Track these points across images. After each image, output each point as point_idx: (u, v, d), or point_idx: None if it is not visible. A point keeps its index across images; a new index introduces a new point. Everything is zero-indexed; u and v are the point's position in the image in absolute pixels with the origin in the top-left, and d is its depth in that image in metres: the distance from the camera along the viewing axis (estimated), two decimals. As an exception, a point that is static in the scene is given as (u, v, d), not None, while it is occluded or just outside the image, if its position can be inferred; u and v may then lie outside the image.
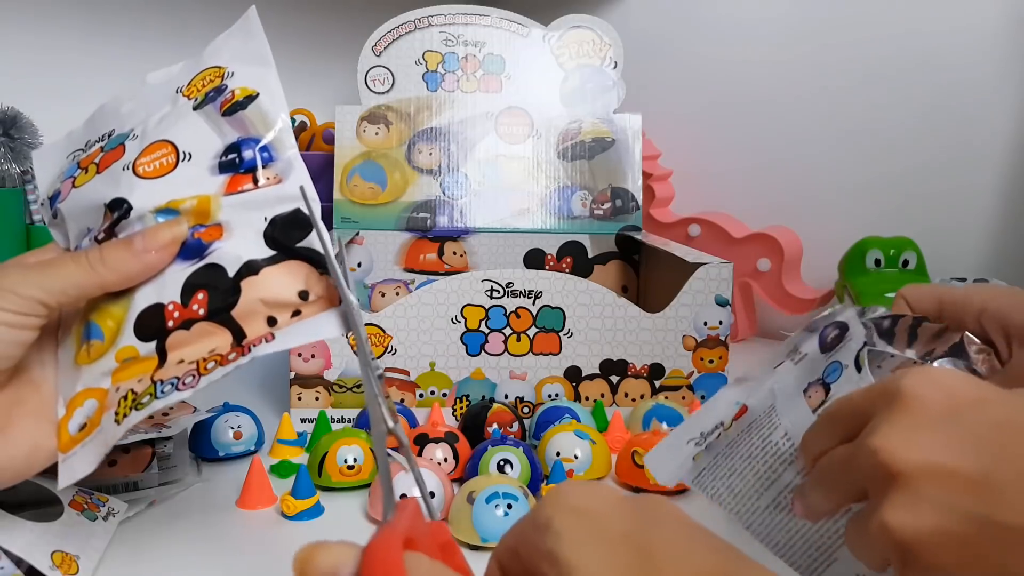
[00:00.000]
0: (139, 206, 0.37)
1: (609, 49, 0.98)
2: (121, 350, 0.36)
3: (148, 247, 0.36)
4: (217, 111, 0.39)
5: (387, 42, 0.97)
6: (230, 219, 0.37)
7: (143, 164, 0.38)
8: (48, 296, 0.35)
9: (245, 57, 0.41)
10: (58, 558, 0.38)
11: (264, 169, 0.38)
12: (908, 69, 0.96)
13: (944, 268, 0.91)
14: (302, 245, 0.36)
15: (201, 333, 0.35)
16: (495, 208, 0.97)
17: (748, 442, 0.39)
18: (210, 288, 0.36)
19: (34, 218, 0.88)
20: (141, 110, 0.42)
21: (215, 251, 0.36)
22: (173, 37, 1.03)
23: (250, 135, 0.38)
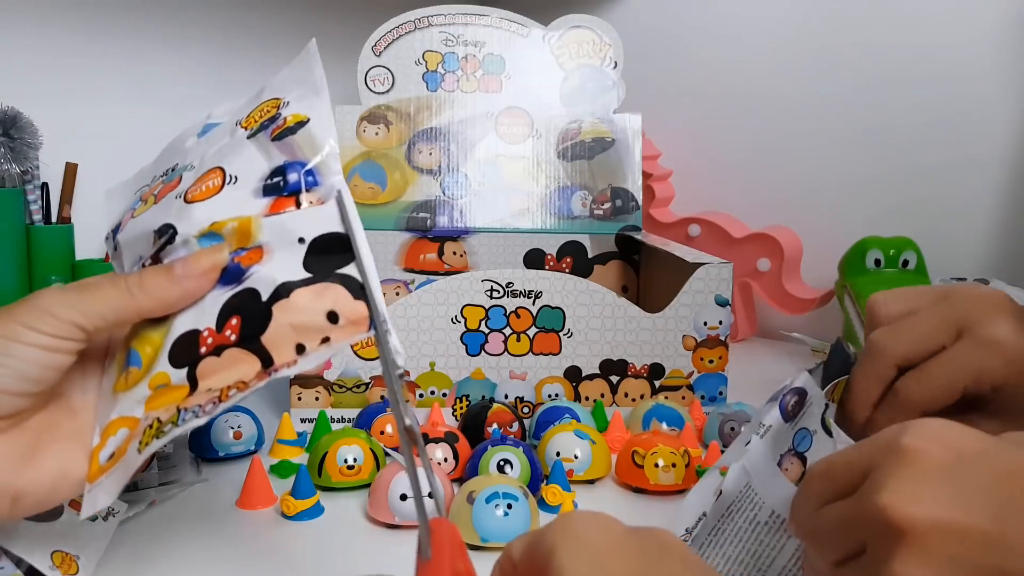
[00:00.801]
0: (184, 231, 0.37)
1: (609, 49, 0.98)
2: (154, 377, 0.35)
3: (188, 273, 0.35)
4: (268, 137, 0.38)
5: (387, 42, 0.97)
6: (270, 240, 0.36)
7: (192, 190, 0.38)
8: (85, 319, 0.34)
9: (301, 87, 0.40)
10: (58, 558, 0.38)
11: (307, 192, 0.37)
12: (908, 69, 0.96)
13: (944, 268, 0.91)
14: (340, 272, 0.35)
15: (231, 360, 0.35)
16: (495, 208, 0.97)
17: (732, 526, 0.38)
18: (244, 314, 0.35)
19: (34, 218, 0.88)
20: (203, 144, 0.42)
21: (253, 275, 0.36)
22: (173, 38, 1.03)
23: (297, 159, 0.37)
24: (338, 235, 0.36)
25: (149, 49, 1.01)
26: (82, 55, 0.95)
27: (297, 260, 0.36)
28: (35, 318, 0.33)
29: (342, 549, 0.48)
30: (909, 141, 0.97)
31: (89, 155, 0.94)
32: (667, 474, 0.55)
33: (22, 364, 0.33)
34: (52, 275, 0.87)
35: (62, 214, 0.90)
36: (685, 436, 0.63)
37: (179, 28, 1.03)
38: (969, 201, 0.94)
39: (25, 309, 0.34)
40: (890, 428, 0.31)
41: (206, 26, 1.06)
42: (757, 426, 0.41)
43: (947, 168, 0.95)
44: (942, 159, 0.95)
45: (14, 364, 0.33)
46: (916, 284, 0.87)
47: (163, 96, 1.03)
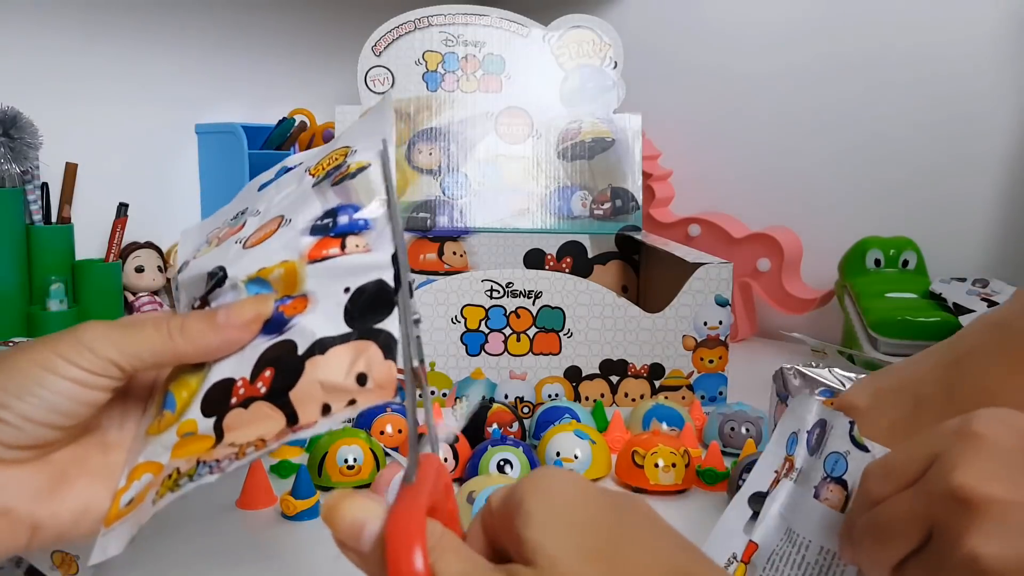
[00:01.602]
0: (233, 274, 0.36)
1: (609, 49, 0.98)
2: (184, 423, 0.34)
3: (230, 322, 0.34)
4: (329, 184, 0.37)
5: (387, 42, 0.97)
6: (316, 290, 0.35)
7: (252, 237, 0.37)
8: (123, 358, 0.33)
9: (370, 137, 0.39)
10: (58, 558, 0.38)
11: (355, 235, 0.35)
12: (909, 69, 0.96)
13: (944, 268, 0.91)
14: (379, 327, 0.33)
15: (257, 414, 0.33)
16: (495, 208, 0.97)
17: (784, 571, 0.37)
18: (278, 367, 0.33)
19: (34, 218, 0.88)
20: (272, 189, 0.41)
21: (295, 326, 0.34)
22: (173, 38, 1.03)
23: (351, 202, 0.36)
24: (382, 285, 0.34)
25: (149, 49, 1.01)
26: (82, 55, 0.95)
27: (339, 312, 0.34)
28: (74, 351, 0.32)
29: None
30: (909, 141, 0.97)
31: (89, 155, 0.94)
32: (667, 474, 0.55)
33: (53, 396, 0.32)
34: (52, 275, 0.87)
35: (62, 214, 0.90)
36: (685, 436, 0.63)
37: (179, 28, 1.03)
38: (969, 201, 0.94)
39: (65, 341, 0.33)
40: (954, 419, 0.32)
41: (206, 26, 1.06)
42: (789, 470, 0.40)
43: (947, 168, 0.95)
44: (942, 159, 0.95)
45: (45, 395, 0.32)
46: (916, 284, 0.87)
47: (163, 96, 1.03)
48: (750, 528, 0.39)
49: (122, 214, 0.93)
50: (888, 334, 0.81)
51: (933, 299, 0.84)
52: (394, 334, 0.33)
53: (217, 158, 1.03)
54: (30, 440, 0.32)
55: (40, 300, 0.86)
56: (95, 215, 0.94)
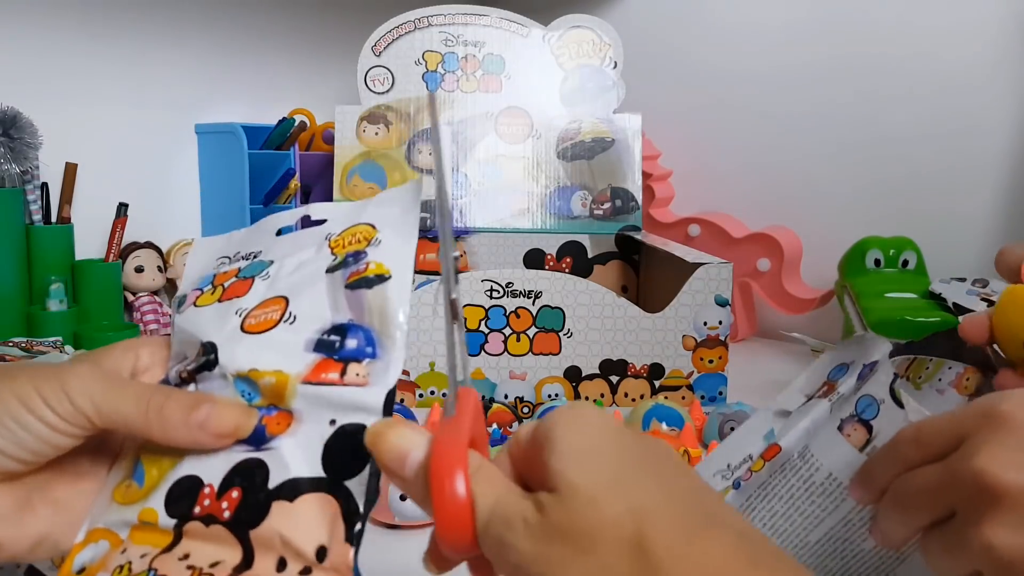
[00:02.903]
0: (224, 362, 0.34)
1: (609, 49, 0.98)
2: (145, 510, 0.33)
3: (207, 427, 0.33)
4: (343, 280, 0.35)
5: (387, 42, 0.97)
6: (303, 410, 0.33)
7: (252, 317, 0.35)
8: (97, 417, 0.32)
9: (396, 227, 0.37)
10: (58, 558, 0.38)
11: (358, 363, 0.33)
12: (908, 69, 0.96)
13: (944, 268, 0.91)
14: (348, 484, 0.32)
15: (215, 537, 0.32)
16: (495, 208, 0.97)
17: (785, 483, 0.39)
18: (246, 491, 0.32)
19: (33, 218, 0.88)
20: (289, 242, 0.39)
21: (274, 448, 0.33)
22: (173, 38, 1.03)
23: (363, 322, 0.34)
24: (361, 430, 0.32)
25: (149, 49, 1.01)
26: (82, 56, 0.95)
27: (319, 446, 0.33)
28: (54, 396, 0.32)
29: (342, 549, 0.48)
30: (909, 141, 0.97)
31: (89, 155, 0.94)
32: (667, 474, 0.55)
33: (23, 433, 0.32)
34: (52, 275, 0.87)
35: (62, 214, 0.90)
36: (685, 436, 0.63)
37: (179, 28, 1.03)
38: (969, 201, 0.94)
39: (49, 382, 0.32)
40: (988, 396, 0.32)
41: (206, 26, 1.06)
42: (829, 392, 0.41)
43: (947, 168, 0.95)
44: (942, 159, 0.95)
45: (16, 430, 0.31)
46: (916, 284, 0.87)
47: (163, 96, 1.03)
48: (771, 437, 0.41)
49: (122, 214, 0.93)
50: (888, 334, 0.81)
51: (933, 299, 0.84)
52: (360, 507, 0.32)
53: (217, 158, 1.03)
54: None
55: (40, 300, 0.86)
56: (95, 215, 0.94)
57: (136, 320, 0.93)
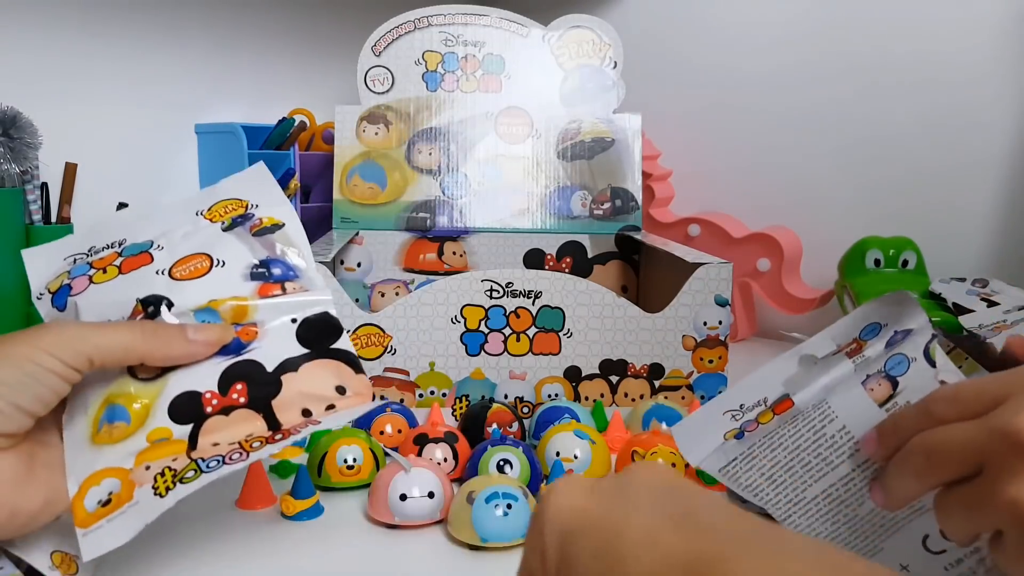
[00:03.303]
0: (180, 303, 0.42)
1: (609, 49, 0.98)
2: (154, 431, 0.39)
3: (198, 338, 0.40)
4: (247, 232, 0.45)
5: (387, 42, 0.97)
6: (264, 319, 0.42)
7: (179, 270, 0.43)
8: (96, 353, 0.38)
9: (264, 195, 0.48)
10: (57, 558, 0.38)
11: (291, 282, 0.44)
12: (908, 68, 0.96)
13: (943, 268, 0.91)
14: (336, 347, 0.42)
15: (239, 419, 0.40)
16: (495, 208, 0.97)
17: (794, 434, 0.39)
18: (249, 380, 0.41)
19: (33, 218, 0.88)
20: (156, 225, 0.46)
21: (253, 350, 0.42)
22: (173, 38, 1.03)
23: (277, 255, 0.44)
24: (325, 315, 0.43)
25: (149, 49, 1.01)
26: (82, 55, 0.95)
27: (291, 336, 0.42)
28: (57, 346, 0.37)
29: (342, 549, 0.48)
30: (909, 141, 0.97)
31: (89, 155, 0.94)
32: (667, 474, 0.55)
33: (39, 387, 0.36)
34: (52, 275, 0.87)
35: (61, 214, 0.90)
36: (685, 436, 0.63)
37: (178, 28, 1.03)
38: (969, 201, 0.94)
39: (48, 336, 0.37)
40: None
41: (206, 26, 1.06)
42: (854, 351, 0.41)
43: (947, 168, 0.95)
44: (942, 159, 0.95)
45: (33, 385, 0.36)
46: (916, 284, 0.87)
47: (163, 96, 1.03)
48: (790, 383, 0.41)
49: (122, 214, 0.93)
50: (888, 334, 0.81)
51: (933, 299, 0.84)
52: (353, 352, 0.42)
53: (217, 158, 1.03)
54: (16, 427, 0.36)
55: (40, 300, 0.87)
56: (95, 215, 0.94)
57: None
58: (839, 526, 0.38)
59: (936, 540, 0.37)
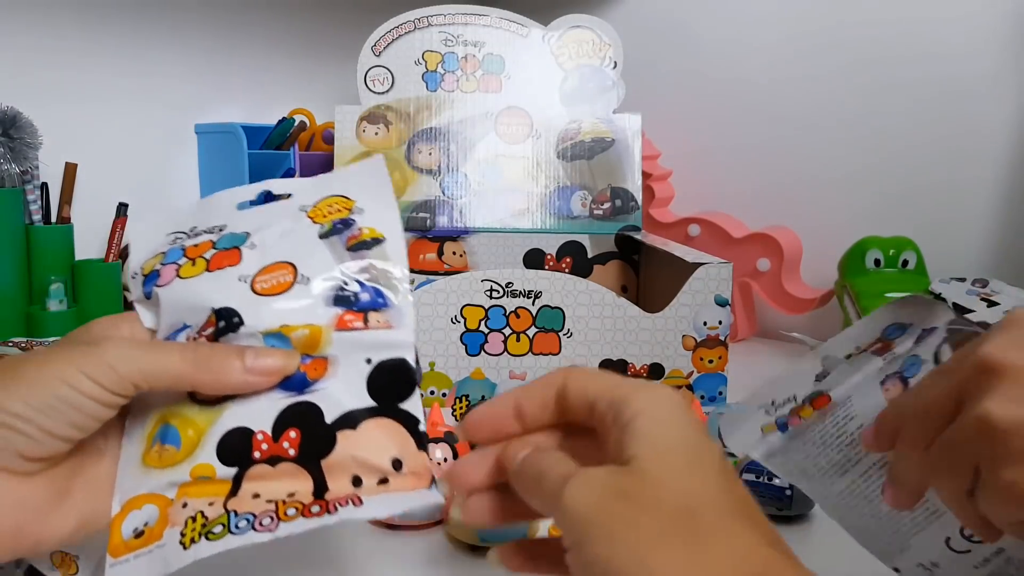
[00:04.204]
0: (251, 324, 0.37)
1: (609, 49, 0.98)
2: (199, 466, 0.35)
3: (256, 367, 0.35)
4: (343, 244, 0.39)
5: (387, 42, 0.97)
6: (337, 355, 0.37)
7: (261, 281, 0.38)
8: (143, 379, 0.34)
9: (372, 199, 0.41)
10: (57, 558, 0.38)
11: (377, 312, 0.38)
12: (908, 70, 0.96)
13: (944, 268, 0.91)
14: (404, 407, 0.36)
15: (284, 473, 0.35)
16: (495, 208, 0.97)
17: (822, 429, 0.40)
18: (304, 429, 0.35)
19: (33, 218, 0.88)
20: (258, 217, 0.41)
21: (317, 390, 0.36)
22: (173, 38, 1.03)
23: (367, 279, 0.38)
24: (403, 363, 0.36)
25: (149, 49, 1.01)
26: (82, 55, 0.95)
27: (361, 382, 0.36)
28: (98, 370, 0.33)
29: (342, 549, 0.48)
30: (909, 141, 0.97)
31: (89, 155, 0.94)
32: (667, 474, 0.55)
33: (73, 412, 0.33)
34: (52, 275, 0.87)
35: (62, 214, 0.90)
36: (685, 436, 0.63)
37: (179, 28, 1.03)
38: (969, 201, 0.94)
39: (90, 358, 0.33)
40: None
41: (206, 26, 1.06)
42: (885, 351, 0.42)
43: (947, 168, 0.95)
44: (942, 159, 0.95)
45: (66, 410, 0.32)
46: (916, 284, 0.87)
47: (163, 96, 1.03)
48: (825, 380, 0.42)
49: (122, 214, 0.93)
50: (888, 334, 0.81)
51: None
52: (421, 422, 0.36)
53: (217, 158, 1.03)
54: (46, 452, 0.33)
55: (40, 300, 0.86)
56: (95, 215, 0.94)
57: (136, 320, 0.93)
58: (866, 519, 0.39)
59: (958, 541, 0.37)
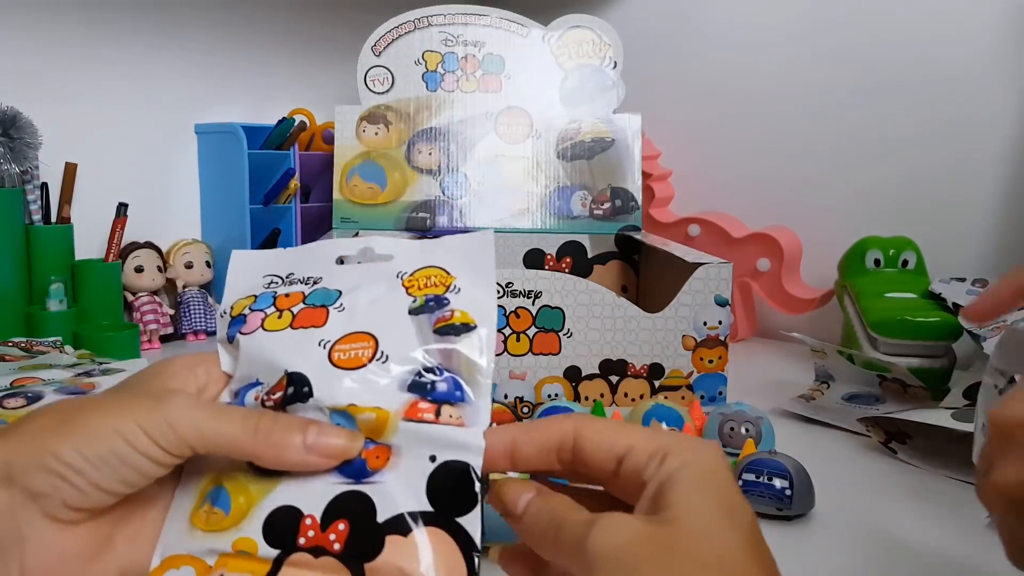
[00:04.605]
0: (320, 396, 0.35)
1: (609, 49, 0.98)
2: (242, 539, 0.34)
3: (316, 448, 0.34)
4: (431, 325, 0.37)
5: (387, 42, 0.97)
6: (402, 446, 0.34)
7: (340, 351, 0.36)
8: (201, 443, 0.33)
9: (474, 277, 0.39)
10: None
11: (451, 406, 0.35)
12: (908, 69, 0.96)
13: (944, 268, 0.91)
14: (462, 523, 0.33)
15: (326, 568, 0.33)
16: (495, 208, 0.97)
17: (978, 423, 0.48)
18: (354, 524, 0.33)
19: (33, 218, 0.88)
20: (354, 274, 0.40)
21: (374, 482, 0.34)
22: (173, 38, 1.03)
23: (452, 367, 0.36)
24: (467, 472, 0.34)
25: (149, 50, 1.01)
26: (82, 55, 0.95)
27: (422, 481, 0.34)
28: (157, 429, 0.32)
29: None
30: (909, 141, 0.97)
31: (89, 155, 0.94)
32: (667, 474, 0.55)
33: (126, 468, 0.32)
34: (51, 275, 0.87)
35: (62, 214, 0.90)
36: (685, 436, 0.63)
37: (179, 28, 1.03)
38: (969, 201, 0.94)
39: (150, 414, 0.32)
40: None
41: (206, 26, 1.06)
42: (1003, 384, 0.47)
43: (947, 168, 0.95)
44: (942, 159, 0.95)
45: (119, 466, 0.31)
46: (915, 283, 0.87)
47: (163, 96, 1.03)
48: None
49: (122, 214, 0.93)
50: (888, 334, 0.81)
51: (933, 299, 0.84)
52: (478, 543, 0.33)
53: (217, 158, 1.03)
54: (91, 504, 0.32)
55: (40, 300, 0.86)
56: (95, 215, 0.94)
57: (136, 320, 0.93)
58: None
59: None
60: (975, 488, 0.34)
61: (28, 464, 0.31)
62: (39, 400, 0.57)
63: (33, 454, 0.31)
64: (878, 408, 0.73)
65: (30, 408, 0.55)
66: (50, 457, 0.31)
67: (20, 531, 0.31)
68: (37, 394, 0.57)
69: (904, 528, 0.52)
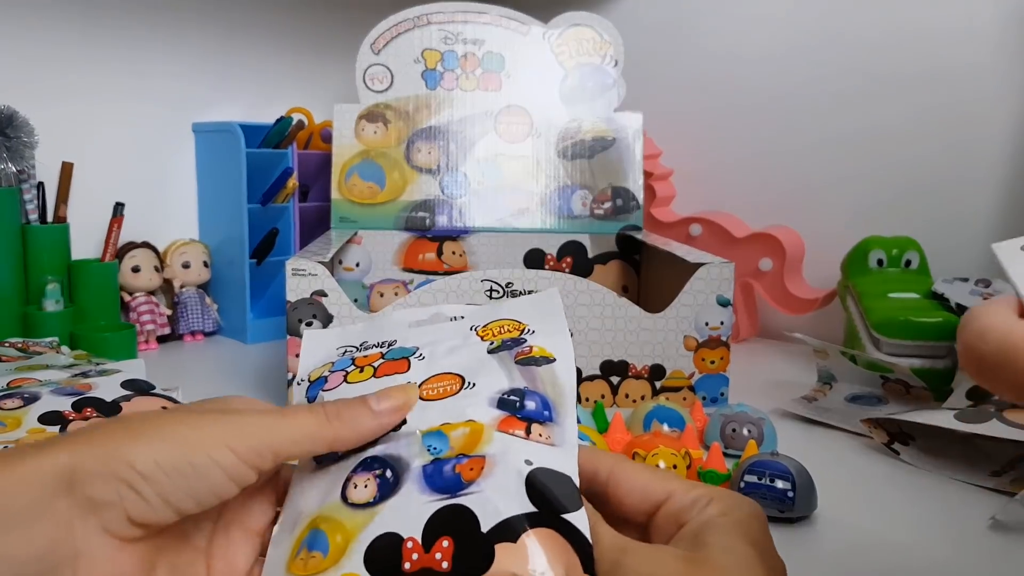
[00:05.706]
0: (412, 424, 0.36)
1: (609, 47, 0.97)
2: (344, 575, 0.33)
3: (382, 407, 0.35)
4: (511, 358, 0.38)
5: (386, 40, 0.96)
6: (496, 454, 0.34)
7: (427, 389, 0.37)
8: (280, 445, 0.32)
9: (545, 322, 0.40)
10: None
11: (540, 425, 0.35)
12: (910, 69, 0.96)
13: (946, 268, 0.91)
14: (569, 519, 0.32)
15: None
16: (495, 207, 0.97)
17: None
18: (458, 539, 0.32)
19: (29, 218, 0.88)
20: (429, 334, 0.41)
21: (472, 493, 0.33)
22: (172, 38, 1.02)
23: (537, 390, 0.37)
24: (567, 477, 0.33)
25: (147, 49, 1.00)
26: (79, 54, 0.95)
27: (520, 482, 0.33)
28: (236, 439, 0.31)
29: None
30: (911, 141, 0.97)
31: (85, 154, 0.93)
32: (668, 476, 0.55)
33: (201, 483, 0.31)
34: (48, 275, 0.86)
35: (58, 213, 0.90)
36: (686, 437, 0.62)
37: (178, 27, 1.03)
38: (971, 201, 0.94)
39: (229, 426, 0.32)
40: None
41: (205, 26, 1.05)
42: None
43: (949, 168, 0.95)
44: (944, 159, 0.95)
45: (194, 479, 0.31)
46: (918, 284, 0.86)
47: (160, 95, 1.02)
48: None
49: (118, 213, 0.93)
50: (890, 334, 0.80)
51: (936, 299, 0.83)
52: (588, 539, 0.31)
53: (214, 157, 1.03)
54: (153, 519, 0.31)
55: (36, 300, 0.86)
56: (91, 214, 0.93)
57: (132, 320, 0.93)
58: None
59: None
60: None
61: (96, 470, 0.29)
62: (36, 401, 0.56)
63: (103, 460, 0.29)
64: (881, 409, 0.73)
65: (27, 409, 0.55)
66: (122, 464, 0.29)
67: (75, 547, 0.29)
68: (34, 395, 0.57)
69: (907, 530, 0.52)
